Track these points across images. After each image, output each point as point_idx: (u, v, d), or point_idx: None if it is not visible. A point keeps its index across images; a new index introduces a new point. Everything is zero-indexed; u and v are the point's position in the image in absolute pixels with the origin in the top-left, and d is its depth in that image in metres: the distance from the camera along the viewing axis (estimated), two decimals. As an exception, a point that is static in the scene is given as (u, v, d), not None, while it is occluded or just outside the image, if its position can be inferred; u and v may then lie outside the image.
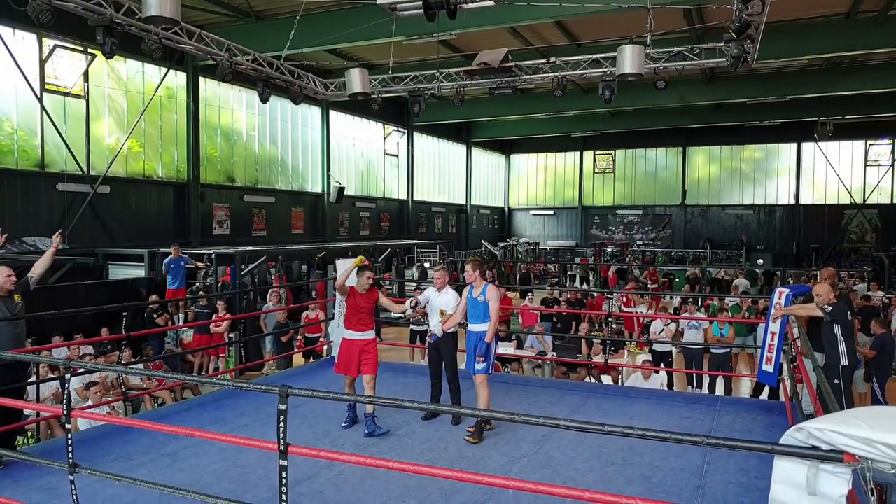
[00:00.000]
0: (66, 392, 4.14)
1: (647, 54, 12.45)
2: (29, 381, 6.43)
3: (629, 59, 11.99)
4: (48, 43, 14.60)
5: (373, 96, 15.31)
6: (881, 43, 16.03)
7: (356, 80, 13.99)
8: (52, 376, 7.71)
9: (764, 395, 9.43)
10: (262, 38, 15.36)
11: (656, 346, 10.56)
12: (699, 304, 11.94)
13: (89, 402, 7.50)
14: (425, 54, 17.67)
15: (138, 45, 11.16)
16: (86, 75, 15.53)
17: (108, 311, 10.51)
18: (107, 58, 10.97)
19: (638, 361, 10.18)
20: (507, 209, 39.32)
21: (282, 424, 3.31)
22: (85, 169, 15.42)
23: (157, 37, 11.01)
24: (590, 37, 18.10)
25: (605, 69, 13.64)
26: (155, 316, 11.47)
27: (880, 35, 15.79)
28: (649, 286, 21.55)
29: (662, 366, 10.09)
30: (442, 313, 6.34)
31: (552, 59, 14.41)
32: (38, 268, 5.79)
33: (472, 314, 6.01)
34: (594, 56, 14.11)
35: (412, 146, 29.31)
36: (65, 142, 14.95)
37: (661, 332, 10.77)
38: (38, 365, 6.74)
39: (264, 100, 14.17)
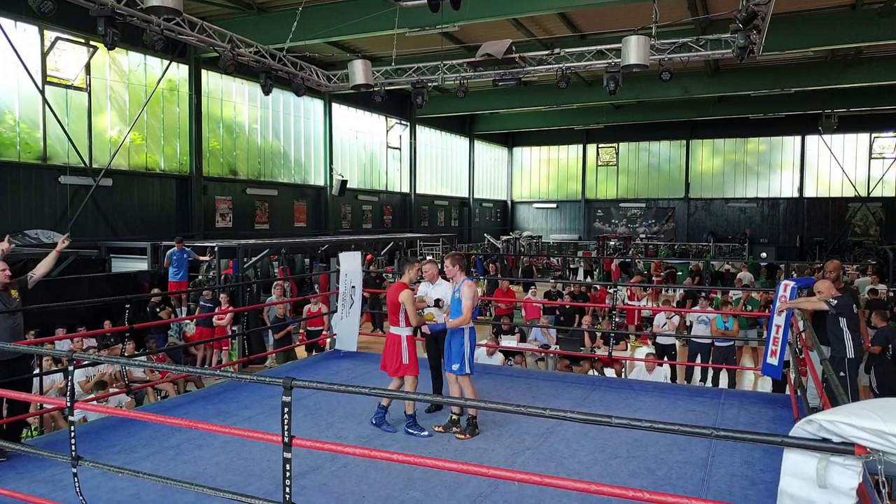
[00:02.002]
0: (69, 384, 4.13)
1: (651, 45, 12.37)
2: (33, 373, 6.42)
3: (634, 50, 11.93)
4: (50, 35, 14.56)
5: (375, 88, 15.26)
6: (886, 35, 15.91)
7: (359, 71, 13.93)
8: (56, 369, 7.71)
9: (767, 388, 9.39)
10: (265, 29, 15.34)
11: (660, 339, 10.54)
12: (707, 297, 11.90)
13: (91, 395, 7.51)
14: (428, 46, 17.60)
15: (140, 37, 11.13)
16: (88, 68, 15.50)
17: (111, 304, 10.52)
18: (109, 49, 10.96)
19: (638, 355, 10.16)
20: (509, 202, 39.25)
21: (286, 417, 3.30)
22: (87, 162, 15.41)
23: (158, 28, 10.96)
24: (593, 29, 18.04)
25: (610, 60, 13.57)
26: (158, 309, 11.47)
27: (886, 27, 15.66)
28: (654, 279, 21.47)
29: (666, 359, 10.07)
30: (442, 305, 6.31)
31: (556, 51, 14.33)
32: (40, 269, 5.75)
33: (451, 309, 5.95)
34: (599, 47, 14.05)
35: (415, 139, 29.23)
36: (67, 134, 14.93)
37: (665, 325, 10.74)
38: (41, 357, 6.73)
39: (267, 92, 14.17)
